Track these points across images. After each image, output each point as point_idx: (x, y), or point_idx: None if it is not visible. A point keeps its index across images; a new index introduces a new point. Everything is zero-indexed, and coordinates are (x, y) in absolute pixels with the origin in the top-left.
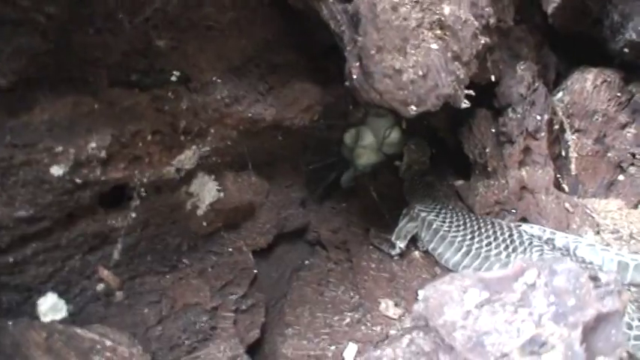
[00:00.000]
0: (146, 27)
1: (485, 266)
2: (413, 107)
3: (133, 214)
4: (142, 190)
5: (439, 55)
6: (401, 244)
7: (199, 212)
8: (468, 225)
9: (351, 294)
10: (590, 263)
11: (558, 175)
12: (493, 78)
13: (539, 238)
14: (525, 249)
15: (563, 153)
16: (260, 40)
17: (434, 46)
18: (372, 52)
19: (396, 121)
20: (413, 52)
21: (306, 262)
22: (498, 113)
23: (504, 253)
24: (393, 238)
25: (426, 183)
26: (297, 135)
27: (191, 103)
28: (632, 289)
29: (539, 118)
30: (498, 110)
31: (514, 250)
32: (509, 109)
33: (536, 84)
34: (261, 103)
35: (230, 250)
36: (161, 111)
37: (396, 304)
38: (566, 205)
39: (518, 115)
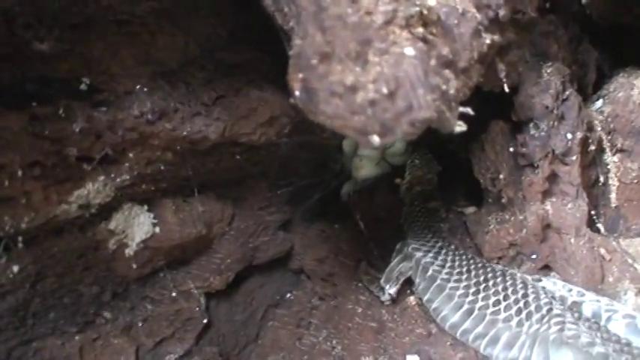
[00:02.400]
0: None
1: (490, 334)
2: (375, 138)
3: (15, 268)
4: (19, 238)
5: (415, 63)
6: (390, 290)
7: (128, 252)
8: (473, 274)
9: (334, 342)
10: (627, 345)
11: (592, 212)
12: (506, 87)
13: (562, 300)
14: (543, 317)
15: (601, 180)
16: (209, 35)
17: (409, 51)
18: (314, 61)
19: None
20: (376, 60)
21: (288, 294)
22: (518, 128)
23: (515, 320)
24: (382, 281)
25: (427, 210)
26: (266, 152)
27: (91, 122)
28: None
29: (569, 136)
30: (518, 125)
31: (528, 316)
32: (531, 125)
33: (567, 92)
34: (202, 117)
35: (173, 295)
36: (40, 136)
37: None
38: (602, 250)
39: (543, 133)
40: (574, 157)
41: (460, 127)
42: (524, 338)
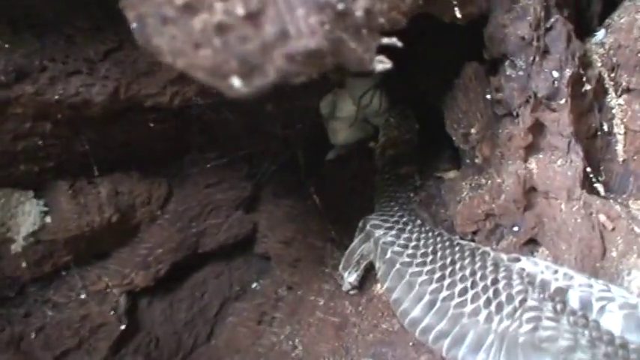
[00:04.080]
0: None
1: (453, 332)
2: (236, 80)
3: None
4: None
5: None
6: (350, 278)
7: (15, 249)
8: (439, 256)
9: (296, 341)
10: (623, 347)
11: (589, 169)
12: (458, 13)
13: (543, 286)
14: (515, 310)
15: (605, 128)
16: None
17: None
18: None
19: (378, 81)
20: None
21: (254, 284)
22: (493, 69)
23: (483, 314)
24: (340, 267)
25: (398, 177)
26: (205, 117)
27: None
28: None
29: (555, 74)
30: (493, 65)
31: (498, 309)
32: (506, 63)
33: (552, 19)
34: (81, 77)
35: (82, 297)
36: None
37: None
38: (602, 218)
39: (521, 72)
40: (563, 101)
41: (382, 63)
42: (493, 338)
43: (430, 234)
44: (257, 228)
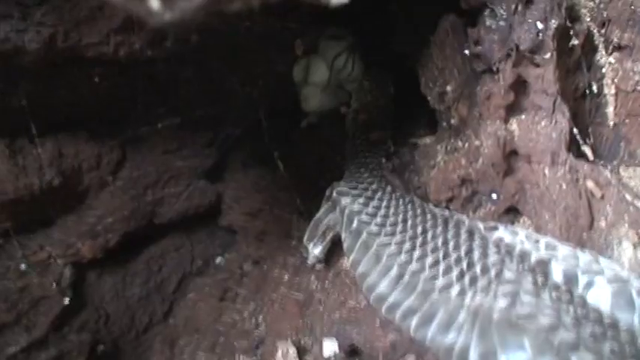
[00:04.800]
0: None
1: (422, 309)
2: (154, 3)
3: None
4: None
5: None
6: (315, 250)
7: None
8: (410, 225)
9: (259, 319)
10: (613, 327)
11: (575, 131)
12: None
13: (522, 257)
14: (490, 282)
15: (594, 89)
16: None
17: None
18: None
19: (350, 44)
20: None
21: (218, 259)
22: (471, 21)
23: (456, 288)
24: (305, 239)
25: (368, 143)
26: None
27: None
28: None
29: (540, 25)
30: (471, 16)
31: (472, 282)
32: (486, 13)
33: None
34: (11, 22)
35: (22, 267)
36: None
37: (301, 351)
38: (590, 184)
39: (502, 23)
40: (547, 55)
41: None
42: (465, 316)
43: (401, 201)
44: (222, 199)
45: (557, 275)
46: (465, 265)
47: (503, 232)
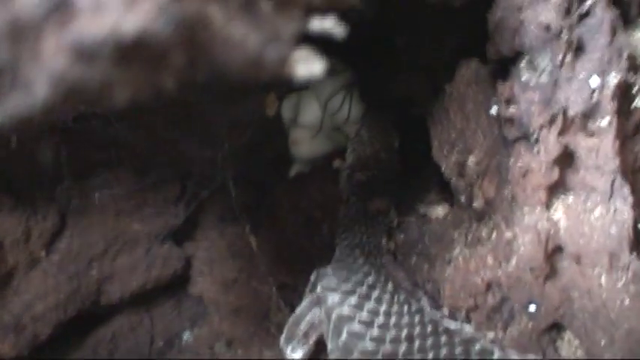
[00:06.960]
0: None
1: None
2: None
3: None
4: None
5: None
6: (294, 354)
7: None
8: (417, 348)
9: None
10: None
11: None
12: None
13: None
14: None
15: None
16: None
17: None
18: None
19: (348, 81)
20: None
21: (185, 335)
22: (501, 72)
23: None
24: (281, 340)
25: (366, 214)
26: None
27: None
28: None
29: (595, 82)
30: (501, 66)
31: None
32: (522, 64)
33: (590, 1)
34: None
35: None
36: None
37: None
38: None
39: (544, 78)
40: (605, 121)
41: (310, 64)
42: None
43: (405, 309)
44: (191, 263)
45: None
46: None
47: None
